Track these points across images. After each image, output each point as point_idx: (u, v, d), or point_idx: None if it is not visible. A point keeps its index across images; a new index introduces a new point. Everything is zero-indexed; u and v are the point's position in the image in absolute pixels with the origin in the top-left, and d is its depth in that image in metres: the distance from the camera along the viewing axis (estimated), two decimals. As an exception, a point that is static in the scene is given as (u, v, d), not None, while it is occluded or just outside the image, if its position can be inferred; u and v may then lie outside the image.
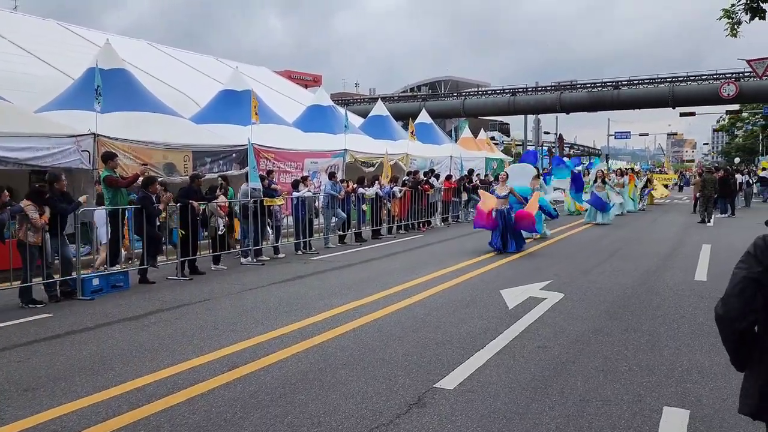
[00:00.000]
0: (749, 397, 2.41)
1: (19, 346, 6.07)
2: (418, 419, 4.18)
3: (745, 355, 2.41)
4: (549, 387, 4.79)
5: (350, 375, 5.09)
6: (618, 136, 69.77)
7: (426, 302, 7.92)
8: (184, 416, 4.26)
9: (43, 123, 10.74)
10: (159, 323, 6.98)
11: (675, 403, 4.45)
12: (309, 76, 72.06)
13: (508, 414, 4.26)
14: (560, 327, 6.60)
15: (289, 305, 7.76)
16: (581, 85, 50.18)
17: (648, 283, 9.12)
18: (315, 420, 4.18)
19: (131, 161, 11.34)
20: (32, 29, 19.12)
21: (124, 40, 22.45)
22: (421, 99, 57.32)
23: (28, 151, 9.76)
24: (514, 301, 7.87)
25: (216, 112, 15.89)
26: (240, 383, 4.92)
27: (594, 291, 8.55)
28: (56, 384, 4.94)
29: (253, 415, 4.27)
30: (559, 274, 9.83)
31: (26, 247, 7.90)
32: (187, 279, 9.90)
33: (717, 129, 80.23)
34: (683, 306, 7.62)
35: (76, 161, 10.47)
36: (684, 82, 45.35)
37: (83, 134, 10.65)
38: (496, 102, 52.90)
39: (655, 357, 5.55)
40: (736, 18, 11.16)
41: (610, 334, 6.32)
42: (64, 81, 14.40)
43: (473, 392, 4.68)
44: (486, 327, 6.60)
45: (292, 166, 15.87)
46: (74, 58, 16.76)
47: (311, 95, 24.02)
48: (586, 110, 50.51)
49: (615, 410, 4.33)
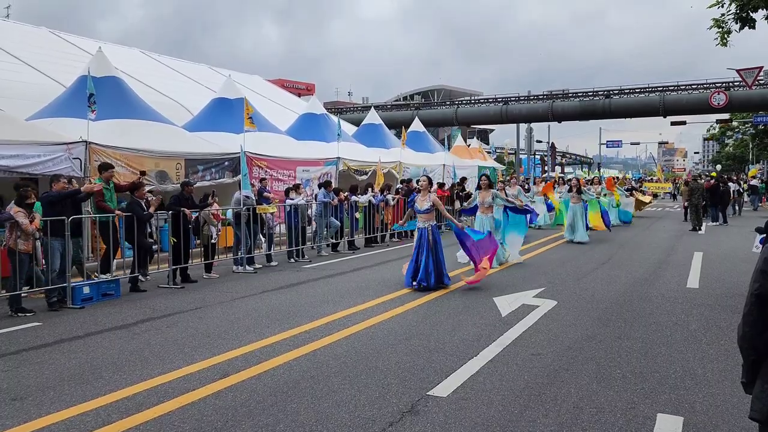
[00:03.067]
0: (761, 403, 2.40)
1: (8, 355, 5.99)
2: (411, 427, 4.15)
3: (756, 375, 2.44)
4: (543, 394, 4.77)
5: (342, 383, 5.05)
6: (610, 144, 70.11)
7: (419, 310, 7.89)
8: (174, 425, 4.21)
9: (34, 130, 10.67)
10: (150, 331, 6.92)
11: (669, 410, 4.44)
12: (302, 85, 72.11)
13: (501, 422, 4.24)
14: (554, 334, 6.59)
15: (281, 313, 7.71)
16: (573, 94, 50.47)
17: (640, 291, 9.13)
18: (307, 428, 4.14)
19: (123, 169, 11.29)
20: (24, 37, 19.05)
21: (116, 48, 22.40)
22: (414, 107, 57.46)
23: (19, 159, 9.70)
24: (507, 308, 7.86)
25: (209, 120, 15.85)
26: (231, 392, 4.87)
27: (587, 298, 8.55)
28: (45, 393, 4.88)
29: (244, 424, 4.22)
30: (552, 282, 9.84)
31: (16, 255, 7.83)
32: (178, 287, 9.83)
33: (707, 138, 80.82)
34: (676, 313, 7.64)
35: (67, 169, 10.40)
36: (674, 91, 45.71)
37: (74, 142, 10.60)
38: (488, 111, 53.07)
39: (648, 364, 5.54)
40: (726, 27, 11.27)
41: (604, 341, 6.31)
42: (56, 89, 14.34)
43: (466, 400, 4.65)
44: (479, 334, 6.58)
45: (285, 174, 15.84)
46: (66, 66, 16.71)
47: (304, 104, 24.04)
48: (577, 119, 50.76)
49: (609, 417, 4.31)
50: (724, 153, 67.18)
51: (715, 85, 43.92)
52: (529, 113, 50.71)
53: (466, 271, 10.71)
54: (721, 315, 7.54)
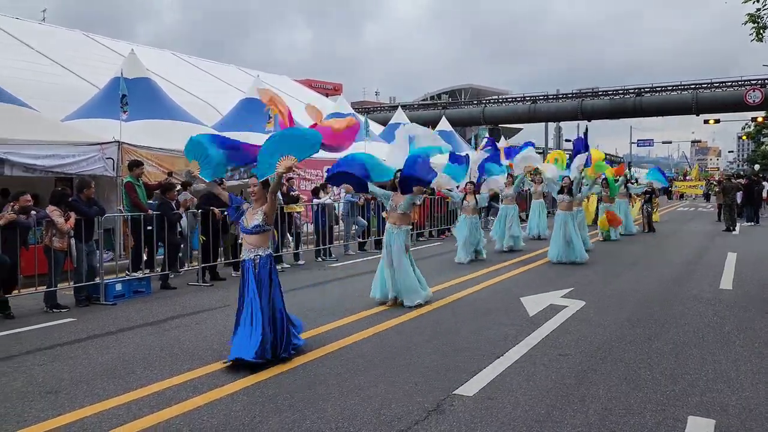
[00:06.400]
0: None
1: (43, 349, 6.15)
2: (437, 426, 4.15)
3: None
4: (570, 395, 4.72)
5: (369, 380, 5.07)
6: (641, 143, 68.97)
7: (445, 309, 7.87)
8: (203, 420, 4.27)
9: (69, 131, 10.95)
10: (179, 328, 7.04)
11: (700, 413, 4.35)
12: (329, 85, 72.40)
13: (528, 422, 4.21)
14: (582, 335, 6.52)
15: (309, 311, 7.76)
16: (603, 92, 49.81)
17: (671, 291, 8.97)
18: (333, 425, 4.17)
19: (154, 168, 11.50)
20: (59, 40, 19.50)
21: (148, 50, 22.80)
22: (441, 107, 57.32)
23: (55, 159, 9.96)
24: (534, 308, 7.79)
25: (237, 120, 16.01)
26: (259, 388, 4.93)
27: (616, 299, 8.43)
28: (78, 387, 4.99)
29: (271, 420, 4.27)
30: (580, 282, 9.72)
31: (52, 252, 8.04)
32: (207, 285, 9.97)
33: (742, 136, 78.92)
34: (708, 315, 7.48)
35: (101, 168, 10.64)
36: (708, 88, 44.82)
37: (108, 142, 10.83)
38: (516, 109, 52.71)
39: (679, 366, 5.44)
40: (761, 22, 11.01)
41: (633, 343, 6.22)
42: (90, 90, 14.67)
43: (493, 399, 4.63)
44: (506, 334, 6.54)
45: (312, 173, 15.94)
46: (99, 67, 17.07)
47: (332, 103, 24.14)
48: (607, 118, 50.10)
49: (638, 419, 4.25)
50: (759, 152, 65.45)
51: (750, 82, 42.92)
52: (558, 112, 50.22)
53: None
54: (755, 317, 7.37)
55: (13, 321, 7.48)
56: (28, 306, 8.08)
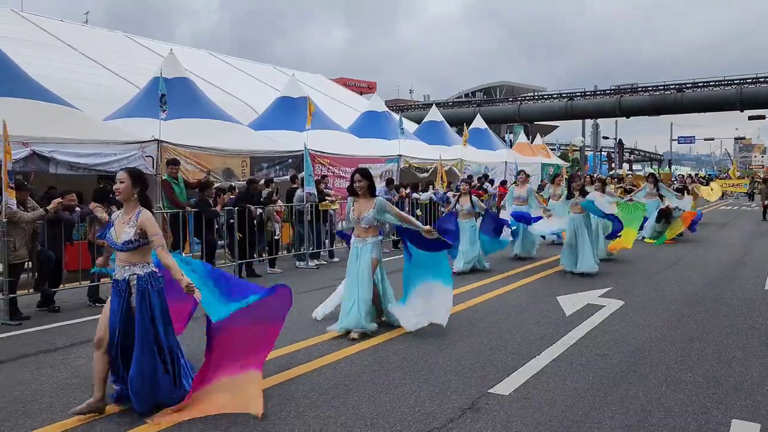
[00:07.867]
0: None
1: (85, 343, 6.31)
2: (472, 424, 4.13)
3: None
4: (608, 396, 4.64)
5: (403, 378, 5.07)
6: (682, 140, 67.35)
7: (480, 307, 7.82)
8: (240, 415, 4.33)
9: (110, 130, 11.22)
10: (217, 323, 7.13)
11: (744, 416, 4.24)
12: (364, 83, 72.65)
13: (565, 422, 4.15)
14: (620, 335, 6.40)
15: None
16: (642, 88, 48.78)
17: (714, 292, 8.73)
18: (368, 422, 4.18)
19: (192, 166, 11.71)
20: (101, 41, 20.07)
21: (186, 50, 23.26)
22: (475, 104, 56.97)
23: (97, 157, 10.21)
24: (571, 308, 7.68)
25: (273, 119, 16.22)
26: (294, 383, 4.97)
27: (656, 299, 8.25)
28: (120, 379, 5.10)
29: (306, 415, 4.31)
30: (618, 282, 9.54)
31: (95, 248, 8.26)
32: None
33: (789, 133, 76.35)
34: (753, 316, 7.26)
35: (141, 166, 10.86)
36: (753, 83, 43.42)
37: (147, 141, 11.07)
38: (552, 107, 52.03)
39: (722, 368, 5.30)
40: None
41: (674, 343, 6.08)
42: (130, 90, 15.02)
43: (529, 399, 4.58)
44: (542, 333, 6.46)
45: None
46: (139, 68, 17.48)
47: (366, 101, 24.24)
48: (647, 114, 49.08)
49: (679, 421, 4.15)
50: (807, 149, 63.26)
51: (798, 76, 41.45)
52: (596, 108, 49.37)
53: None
54: (803, 319, 7.12)
55: (59, 314, 7.71)
56: (72, 300, 8.31)
